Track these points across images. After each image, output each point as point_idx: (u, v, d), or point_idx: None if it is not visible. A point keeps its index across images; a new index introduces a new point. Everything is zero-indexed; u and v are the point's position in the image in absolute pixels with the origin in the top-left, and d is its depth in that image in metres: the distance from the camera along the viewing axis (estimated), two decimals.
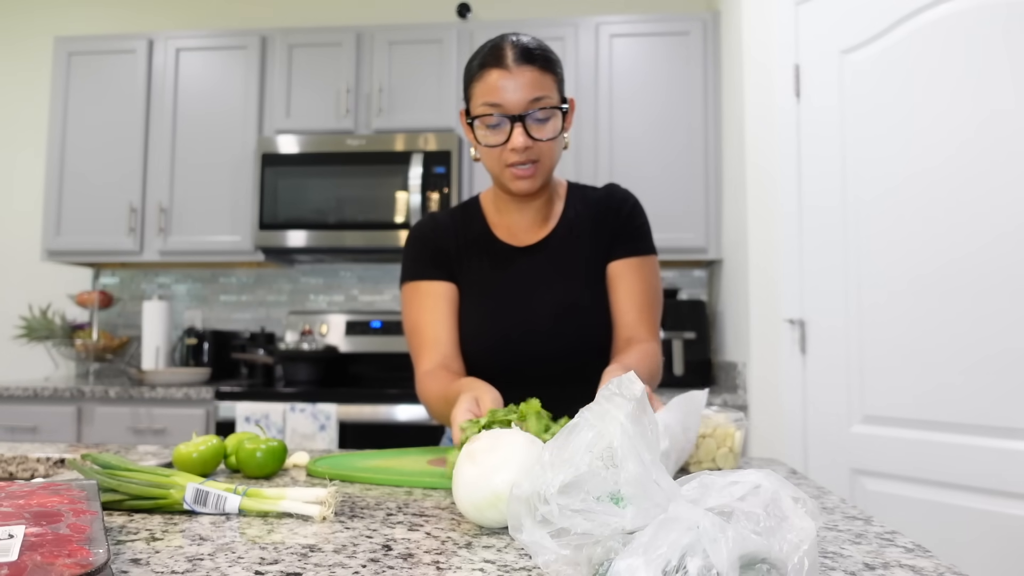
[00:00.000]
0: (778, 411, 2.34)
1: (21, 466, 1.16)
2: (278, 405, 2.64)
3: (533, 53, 1.19)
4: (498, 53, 1.19)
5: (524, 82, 1.17)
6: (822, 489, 0.98)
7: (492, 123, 1.19)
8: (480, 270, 1.31)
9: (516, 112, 1.17)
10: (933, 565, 0.64)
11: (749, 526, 0.49)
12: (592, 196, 1.35)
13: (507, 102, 1.17)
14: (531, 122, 1.18)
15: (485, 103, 1.19)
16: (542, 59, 1.20)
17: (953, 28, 1.95)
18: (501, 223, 1.34)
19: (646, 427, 0.54)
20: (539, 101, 1.18)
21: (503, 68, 1.18)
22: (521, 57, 1.18)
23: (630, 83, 2.99)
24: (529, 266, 1.30)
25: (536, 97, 1.18)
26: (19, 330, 3.47)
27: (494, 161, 1.23)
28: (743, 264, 2.54)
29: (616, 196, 1.35)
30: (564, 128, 1.24)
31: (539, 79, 1.18)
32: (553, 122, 1.20)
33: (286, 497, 0.78)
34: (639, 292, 1.29)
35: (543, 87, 1.18)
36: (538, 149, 1.20)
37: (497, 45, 1.20)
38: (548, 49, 1.23)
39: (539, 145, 1.20)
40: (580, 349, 1.27)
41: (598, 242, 1.31)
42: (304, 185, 2.99)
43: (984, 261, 1.87)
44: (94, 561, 0.51)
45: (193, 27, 3.62)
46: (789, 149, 2.32)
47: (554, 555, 0.51)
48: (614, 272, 1.30)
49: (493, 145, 1.20)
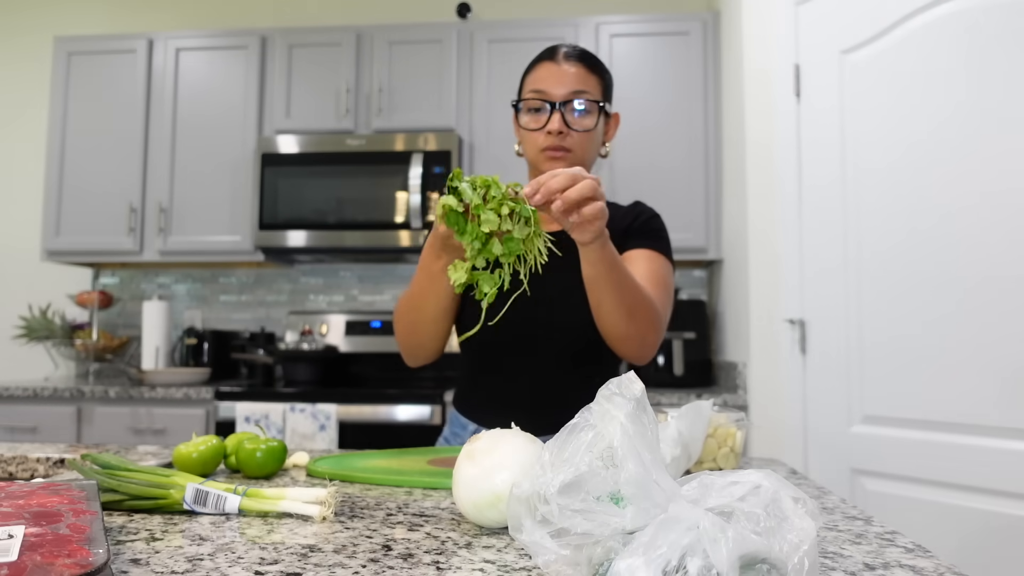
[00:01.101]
0: (778, 411, 2.34)
1: (21, 466, 1.16)
2: (278, 405, 2.64)
3: (584, 54, 1.32)
4: (552, 50, 1.33)
5: (569, 74, 1.29)
6: (822, 489, 0.98)
7: (534, 106, 1.30)
8: None
9: (557, 99, 1.28)
10: (933, 565, 0.64)
11: (749, 526, 0.49)
12: (618, 208, 1.42)
13: (550, 89, 1.29)
14: (570, 111, 1.28)
15: (531, 90, 1.31)
16: (591, 61, 1.32)
17: (953, 28, 1.95)
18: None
19: (646, 427, 0.54)
20: (580, 93, 1.28)
21: (553, 61, 1.31)
22: (571, 54, 1.31)
23: (630, 83, 2.99)
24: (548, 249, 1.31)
25: (578, 89, 1.28)
26: (19, 330, 3.47)
27: (531, 145, 1.31)
28: (743, 264, 2.54)
29: (640, 206, 1.42)
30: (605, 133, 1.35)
31: (584, 76, 1.30)
32: (591, 117, 1.29)
33: (286, 497, 0.78)
34: (650, 271, 1.29)
35: (587, 83, 1.29)
36: (573, 139, 1.29)
37: (553, 46, 1.34)
38: (599, 60, 1.36)
39: (574, 135, 1.28)
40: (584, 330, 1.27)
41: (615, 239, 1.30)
42: (304, 185, 2.99)
43: (984, 261, 1.87)
44: (94, 561, 0.51)
45: (193, 27, 3.62)
46: (789, 149, 2.32)
47: (554, 555, 0.51)
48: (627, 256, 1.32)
49: (532, 129, 1.30)
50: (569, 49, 1.32)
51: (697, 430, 0.96)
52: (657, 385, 2.85)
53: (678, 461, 0.90)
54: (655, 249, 1.34)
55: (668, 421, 0.93)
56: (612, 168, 2.96)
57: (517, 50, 3.05)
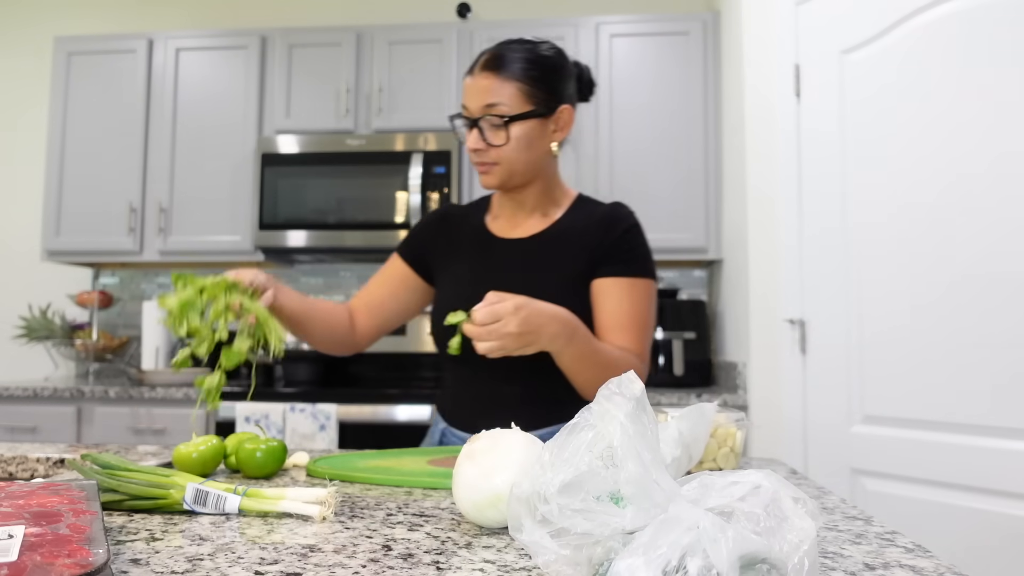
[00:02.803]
0: (778, 411, 2.34)
1: (21, 466, 1.16)
2: (278, 405, 2.64)
3: (497, 61, 1.25)
4: (476, 59, 1.28)
5: (480, 88, 1.25)
6: (822, 489, 0.98)
7: (463, 123, 1.30)
8: (467, 256, 1.37)
9: (474, 116, 1.26)
10: (933, 565, 0.64)
11: (749, 526, 0.49)
12: (595, 211, 1.37)
13: (468, 104, 1.27)
14: (486, 126, 1.25)
15: (461, 104, 1.30)
16: (508, 68, 1.25)
17: (953, 28, 1.95)
18: (499, 216, 1.40)
19: (646, 427, 0.54)
20: (491, 108, 1.24)
21: (471, 74, 1.28)
22: (485, 65, 1.26)
23: (630, 83, 2.99)
24: (508, 257, 1.34)
25: (488, 103, 1.24)
26: (19, 330, 3.47)
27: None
28: (743, 264, 2.54)
29: (616, 215, 1.35)
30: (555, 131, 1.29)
31: (497, 87, 1.24)
32: (503, 132, 1.24)
33: (286, 497, 0.78)
34: (623, 312, 1.27)
35: (498, 95, 1.24)
36: (496, 152, 1.26)
37: (484, 51, 1.29)
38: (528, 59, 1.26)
39: (496, 149, 1.26)
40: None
41: (586, 254, 1.30)
42: (304, 185, 2.99)
43: (984, 261, 1.87)
44: (94, 561, 0.51)
45: (193, 27, 3.62)
46: (789, 149, 2.32)
47: (554, 555, 0.51)
48: (597, 289, 1.29)
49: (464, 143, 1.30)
50: (489, 56, 1.26)
51: (699, 431, 0.96)
52: (657, 385, 2.85)
53: (679, 462, 0.90)
54: (631, 275, 1.29)
55: (668, 421, 0.93)
56: (612, 168, 2.96)
57: None
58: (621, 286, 1.28)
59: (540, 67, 1.27)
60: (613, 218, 1.34)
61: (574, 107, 1.33)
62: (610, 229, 1.32)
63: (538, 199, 1.36)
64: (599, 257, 1.30)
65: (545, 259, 1.31)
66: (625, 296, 1.27)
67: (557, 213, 1.36)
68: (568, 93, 1.32)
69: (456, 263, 1.37)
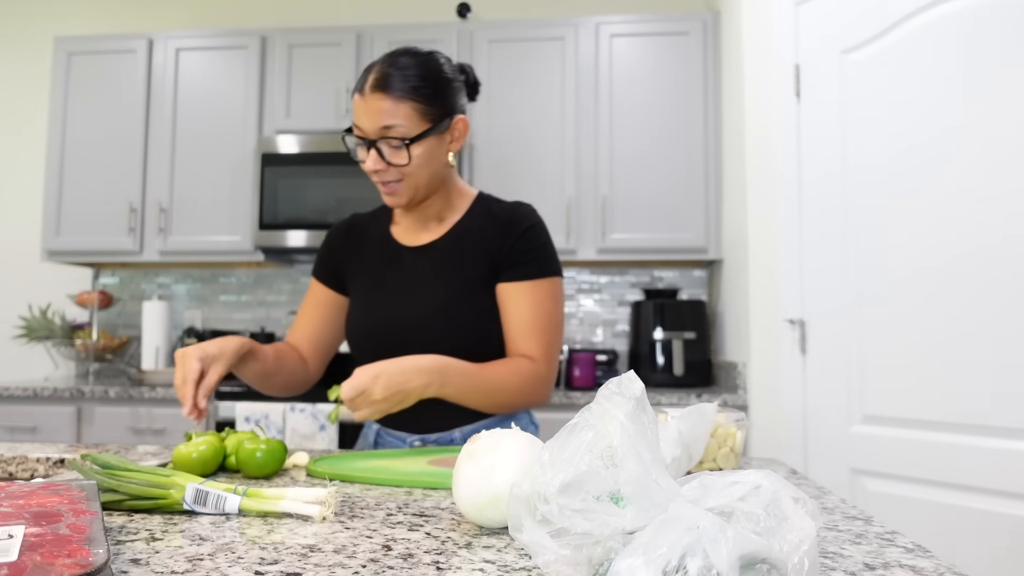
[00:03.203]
0: (778, 411, 2.34)
1: (21, 466, 1.16)
2: (278, 405, 2.64)
3: (389, 81, 1.22)
4: (364, 77, 1.25)
5: (374, 111, 1.22)
6: (822, 489, 0.98)
7: (358, 143, 1.27)
8: (372, 265, 1.40)
9: (370, 137, 1.23)
10: (933, 565, 0.64)
11: (749, 526, 0.49)
12: (495, 210, 1.37)
13: (363, 125, 1.24)
14: (385, 147, 1.24)
15: (353, 123, 1.26)
16: (400, 88, 1.22)
17: (953, 28, 1.95)
18: (402, 222, 1.42)
19: (646, 427, 0.54)
20: (388, 129, 1.22)
21: (361, 94, 1.24)
22: (376, 85, 1.22)
23: (630, 83, 2.99)
24: (411, 264, 1.36)
25: (386, 125, 1.22)
26: (19, 330, 3.47)
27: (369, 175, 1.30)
28: (743, 264, 2.54)
29: (515, 216, 1.35)
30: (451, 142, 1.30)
31: (392, 108, 1.22)
32: (403, 152, 1.24)
33: (286, 497, 0.78)
34: (526, 316, 1.30)
35: (394, 116, 1.22)
36: (396, 170, 1.25)
37: (368, 69, 1.25)
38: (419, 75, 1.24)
39: (398, 168, 1.25)
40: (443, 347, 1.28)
41: (487, 256, 1.32)
42: (304, 185, 2.99)
43: (984, 261, 1.87)
44: (94, 561, 0.51)
45: (193, 27, 3.62)
46: (789, 149, 2.32)
47: (554, 555, 0.51)
48: (501, 294, 1.32)
49: (361, 161, 1.28)
50: (378, 75, 1.23)
51: (700, 432, 0.96)
52: (657, 385, 2.85)
53: (679, 462, 0.90)
54: (533, 276, 1.31)
55: (668, 421, 0.93)
56: (612, 168, 2.96)
57: (517, 50, 3.05)
58: (523, 290, 1.30)
59: (432, 83, 1.25)
60: (513, 219, 1.34)
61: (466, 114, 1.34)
62: (509, 231, 1.32)
63: (440, 207, 1.38)
64: (500, 261, 1.32)
65: (447, 265, 1.33)
66: (528, 300, 1.30)
67: (456, 216, 1.38)
68: (461, 103, 1.32)
69: (365, 273, 1.40)
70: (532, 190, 2.97)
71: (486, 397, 1.24)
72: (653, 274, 3.31)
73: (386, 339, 1.32)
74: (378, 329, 1.34)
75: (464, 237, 1.35)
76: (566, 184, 2.95)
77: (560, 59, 3.03)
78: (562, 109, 3.00)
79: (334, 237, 1.47)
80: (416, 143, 1.24)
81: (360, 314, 1.37)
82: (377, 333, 1.34)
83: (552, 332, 1.31)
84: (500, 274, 1.32)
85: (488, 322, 1.31)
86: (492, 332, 1.31)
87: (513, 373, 1.26)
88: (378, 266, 1.39)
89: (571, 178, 2.95)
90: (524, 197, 2.98)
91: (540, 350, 1.30)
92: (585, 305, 3.34)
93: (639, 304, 2.99)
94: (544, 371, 1.30)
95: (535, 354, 1.29)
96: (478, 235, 1.34)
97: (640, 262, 3.15)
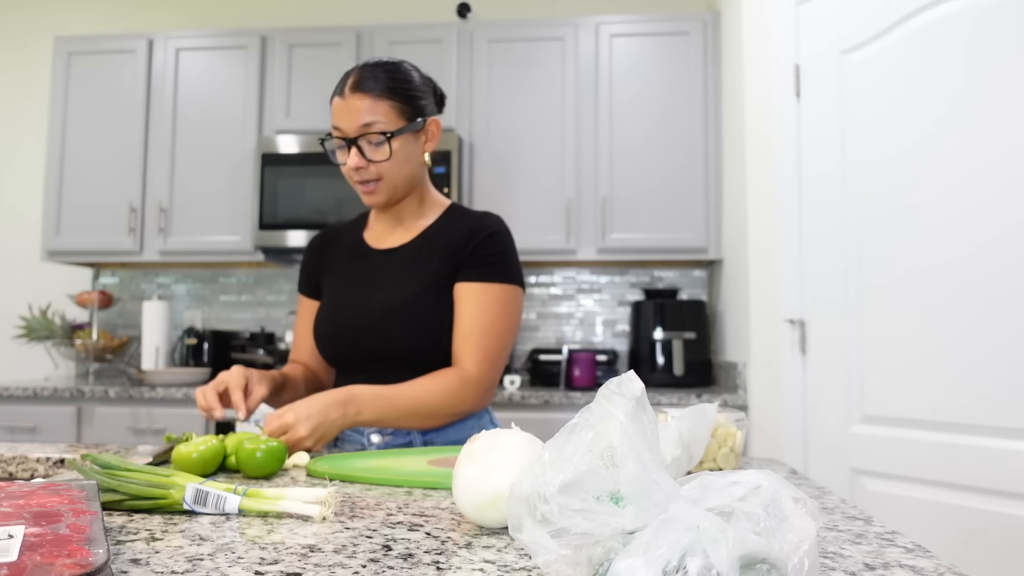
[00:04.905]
0: (778, 411, 2.34)
1: (21, 466, 1.16)
2: None
3: (367, 82, 1.31)
4: (343, 82, 1.33)
5: (356, 108, 1.30)
6: (822, 489, 0.98)
7: (337, 145, 1.35)
8: (343, 267, 1.45)
9: (351, 136, 1.31)
10: (933, 565, 0.64)
11: (749, 526, 0.49)
12: (464, 218, 1.42)
13: (343, 125, 1.31)
14: (365, 144, 1.31)
15: (332, 126, 1.34)
16: (378, 88, 1.31)
17: (953, 28, 1.95)
18: (375, 227, 1.47)
19: (646, 427, 0.54)
20: (369, 127, 1.30)
21: (341, 96, 1.32)
22: (355, 86, 1.30)
23: (630, 83, 2.99)
24: (379, 266, 1.41)
25: (366, 123, 1.29)
26: (19, 330, 3.47)
27: (347, 178, 1.36)
28: (743, 264, 2.54)
29: (481, 223, 1.40)
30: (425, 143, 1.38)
31: (371, 106, 1.30)
32: (384, 148, 1.31)
33: (286, 497, 0.78)
34: (472, 318, 1.33)
35: (374, 113, 1.30)
36: (377, 168, 1.32)
37: (346, 74, 1.34)
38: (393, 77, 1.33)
39: (377, 165, 1.32)
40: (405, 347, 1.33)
41: (451, 260, 1.37)
42: (304, 185, 2.99)
43: (985, 261, 1.87)
44: (94, 561, 0.51)
45: (193, 27, 3.62)
46: (789, 149, 2.32)
47: (554, 555, 0.51)
48: (456, 294, 1.36)
49: (341, 164, 1.35)
50: (356, 78, 1.31)
51: (700, 431, 0.96)
52: (657, 385, 2.85)
53: (679, 462, 0.90)
54: (485, 280, 1.35)
55: (668, 421, 0.93)
56: (612, 167, 2.96)
57: (517, 50, 3.05)
58: (474, 291, 1.34)
59: (406, 84, 1.34)
60: (478, 226, 1.39)
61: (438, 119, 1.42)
62: (473, 235, 1.37)
63: (413, 210, 1.43)
64: (461, 262, 1.36)
65: (413, 266, 1.38)
66: (477, 302, 1.34)
67: (426, 222, 1.43)
68: (431, 107, 1.39)
69: (335, 275, 1.46)
70: (532, 190, 2.97)
71: (408, 416, 1.28)
72: (653, 274, 3.31)
73: (347, 336, 1.37)
74: (341, 327, 1.39)
75: (433, 241, 1.39)
76: (566, 184, 2.95)
77: (560, 59, 3.03)
78: (562, 109, 3.00)
79: (310, 251, 1.54)
80: (396, 138, 1.31)
81: (325, 314, 1.43)
82: (338, 331, 1.39)
83: (494, 337, 1.33)
84: (458, 274, 1.36)
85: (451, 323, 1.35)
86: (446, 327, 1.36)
87: (436, 386, 1.29)
88: (347, 267, 1.45)
89: (571, 178, 2.95)
90: (524, 196, 2.98)
91: (476, 353, 1.32)
92: (585, 305, 3.34)
93: (639, 304, 2.99)
94: (475, 376, 1.32)
95: (470, 362, 1.32)
96: (445, 239, 1.39)
97: (640, 262, 3.15)
